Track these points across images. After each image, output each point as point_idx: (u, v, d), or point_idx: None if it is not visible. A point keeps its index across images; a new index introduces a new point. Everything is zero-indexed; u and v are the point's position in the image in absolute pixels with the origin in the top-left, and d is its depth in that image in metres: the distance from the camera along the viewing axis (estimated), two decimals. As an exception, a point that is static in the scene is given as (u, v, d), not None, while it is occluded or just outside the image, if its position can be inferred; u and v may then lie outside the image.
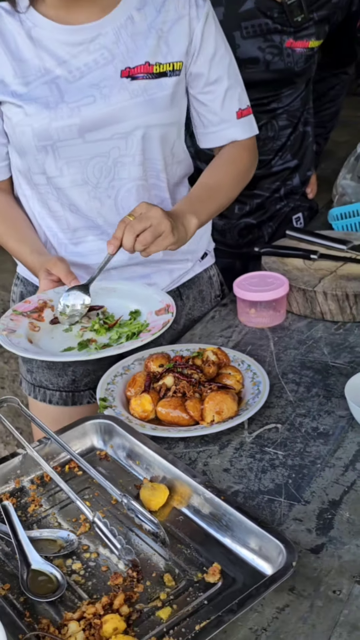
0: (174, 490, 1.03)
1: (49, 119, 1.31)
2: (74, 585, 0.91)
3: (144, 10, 1.35)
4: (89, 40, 1.33)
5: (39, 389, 1.56)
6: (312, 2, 1.80)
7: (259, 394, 1.21)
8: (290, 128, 1.94)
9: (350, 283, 1.50)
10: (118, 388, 1.27)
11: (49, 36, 1.32)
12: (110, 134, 1.34)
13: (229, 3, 1.77)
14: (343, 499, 1.02)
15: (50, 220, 1.44)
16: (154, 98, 1.35)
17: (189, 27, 1.37)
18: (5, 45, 1.32)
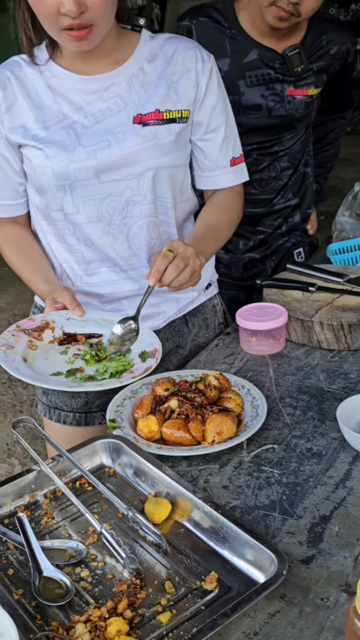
0: (176, 505, 1.05)
1: (67, 161, 1.35)
2: (81, 591, 0.93)
3: (154, 62, 1.40)
4: (104, 89, 1.38)
5: (54, 410, 1.59)
6: (311, 54, 1.84)
7: (257, 416, 1.24)
8: (292, 169, 1.97)
9: (346, 314, 1.53)
10: (127, 410, 1.29)
11: (67, 85, 1.37)
12: (124, 175, 1.38)
13: (234, 55, 1.82)
14: (333, 514, 1.04)
15: (66, 253, 1.48)
16: (163, 142, 1.39)
17: (195, 79, 1.42)
18: (27, 94, 1.37)
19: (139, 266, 1.47)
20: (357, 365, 1.45)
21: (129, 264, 1.47)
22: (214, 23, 1.83)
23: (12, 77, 1.38)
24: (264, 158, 1.91)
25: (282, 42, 1.82)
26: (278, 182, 1.96)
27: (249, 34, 1.82)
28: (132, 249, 1.46)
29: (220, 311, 1.71)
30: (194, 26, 1.83)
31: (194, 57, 1.42)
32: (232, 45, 1.82)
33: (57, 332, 1.37)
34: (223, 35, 1.83)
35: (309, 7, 1.68)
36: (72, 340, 1.37)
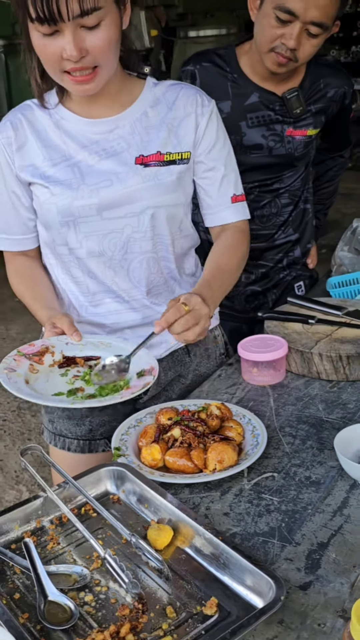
0: (178, 531, 1.06)
1: (71, 198, 1.38)
2: (85, 615, 0.94)
3: (157, 107, 1.44)
4: (109, 131, 1.41)
5: (59, 437, 1.60)
6: (310, 96, 1.88)
7: (258, 445, 1.24)
8: (292, 205, 1.99)
9: (344, 346, 1.54)
10: (131, 438, 1.30)
11: (74, 127, 1.41)
12: (124, 213, 1.41)
13: (235, 97, 1.86)
14: (330, 542, 1.05)
15: (72, 285, 1.50)
16: (163, 182, 1.42)
17: (195, 122, 1.45)
18: (37, 135, 1.41)
19: (140, 298, 1.50)
20: (355, 395, 1.46)
21: (130, 295, 1.49)
22: (217, 68, 1.87)
23: (24, 119, 1.42)
24: (265, 195, 1.94)
25: (281, 85, 1.86)
26: (279, 218, 1.99)
27: (250, 78, 1.86)
28: (132, 282, 1.48)
29: (222, 342, 1.73)
30: (197, 71, 1.88)
31: (195, 102, 1.45)
32: (234, 89, 1.86)
33: (57, 355, 1.38)
34: (225, 79, 1.87)
35: (306, 53, 1.73)
36: (71, 363, 1.38)
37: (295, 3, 1.64)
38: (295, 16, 1.66)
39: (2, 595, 0.98)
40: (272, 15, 1.68)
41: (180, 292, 1.56)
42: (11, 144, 1.41)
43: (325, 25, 1.69)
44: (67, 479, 1.14)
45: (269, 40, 1.72)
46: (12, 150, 1.42)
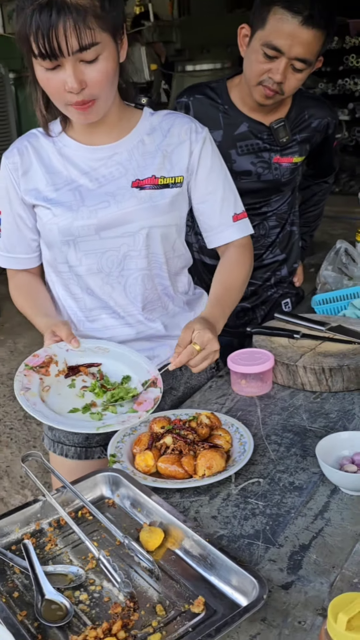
0: (169, 534, 1.06)
1: (71, 219, 1.39)
2: (80, 613, 0.94)
3: (153, 135, 1.45)
4: (107, 157, 1.42)
5: (58, 444, 1.59)
6: (295, 126, 1.89)
7: (245, 452, 1.24)
8: (279, 228, 2.00)
9: (327, 359, 1.54)
10: (126, 446, 1.30)
11: (76, 154, 1.43)
12: (121, 233, 1.42)
13: (226, 127, 1.87)
14: (312, 544, 1.05)
15: (71, 301, 1.51)
16: (157, 204, 1.43)
17: (189, 149, 1.46)
18: (41, 161, 1.43)
19: (135, 313, 1.50)
20: (337, 405, 1.46)
21: (125, 311, 1.50)
22: (209, 100, 1.89)
23: (30, 146, 1.44)
24: (254, 218, 1.95)
25: (269, 116, 1.87)
26: (267, 239, 2.00)
27: (240, 109, 1.88)
28: (128, 298, 1.48)
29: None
30: (191, 102, 1.90)
31: (189, 130, 1.47)
32: (225, 119, 1.88)
33: (60, 365, 1.38)
34: (217, 110, 1.89)
35: (292, 86, 1.75)
36: (75, 372, 1.38)
37: (281, 41, 1.66)
38: (281, 52, 1.68)
39: (2, 593, 0.98)
40: (260, 52, 1.70)
41: (174, 309, 1.57)
42: (17, 169, 1.43)
43: (309, 61, 1.71)
44: (65, 483, 1.14)
45: (257, 74, 1.74)
46: (18, 175, 1.43)
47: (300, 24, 1.64)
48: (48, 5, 1.18)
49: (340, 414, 1.42)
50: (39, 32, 1.20)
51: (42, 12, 1.18)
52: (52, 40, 1.20)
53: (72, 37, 1.20)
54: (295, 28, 1.65)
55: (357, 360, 1.52)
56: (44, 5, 1.18)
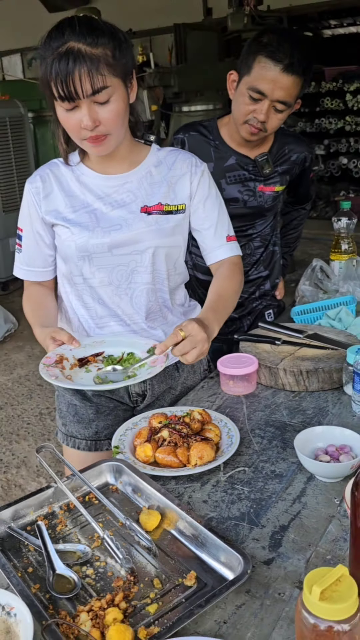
0: (165, 516, 1.06)
1: (87, 237, 1.40)
2: (86, 586, 0.94)
3: (159, 167, 1.46)
4: (120, 185, 1.43)
5: (70, 438, 1.59)
6: (277, 160, 1.90)
7: (232, 444, 1.24)
8: (263, 248, 2.00)
9: (304, 362, 1.54)
10: (128, 439, 1.30)
11: (92, 181, 1.43)
12: (130, 251, 1.42)
13: (217, 160, 1.88)
14: (290, 525, 1.04)
15: (83, 310, 1.50)
16: (162, 228, 1.44)
17: (189, 180, 1.47)
18: (61, 186, 1.44)
19: (139, 321, 1.50)
20: (313, 403, 1.46)
21: (131, 319, 1.50)
22: (202, 136, 1.90)
23: (51, 173, 1.45)
24: (241, 239, 1.95)
25: (254, 150, 1.88)
26: (252, 257, 2.00)
27: (229, 144, 1.89)
28: (134, 308, 1.49)
29: (205, 359, 1.73)
30: (186, 138, 1.91)
31: (190, 164, 1.48)
32: (215, 153, 1.89)
33: (71, 360, 1.36)
34: (209, 145, 1.90)
35: (273, 125, 1.76)
36: (85, 362, 1.37)
37: (265, 85, 1.67)
38: (264, 95, 1.69)
39: (18, 569, 0.98)
40: (246, 95, 1.71)
41: (172, 319, 1.57)
42: (39, 193, 1.44)
43: (289, 103, 1.72)
44: (74, 472, 1.14)
45: (244, 114, 1.75)
46: (39, 198, 1.44)
47: (281, 71, 1.65)
48: (66, 55, 1.21)
49: (316, 410, 1.42)
50: (58, 78, 1.22)
51: (61, 60, 1.21)
52: (69, 85, 1.22)
53: (86, 82, 1.22)
54: (277, 74, 1.66)
55: (331, 364, 1.52)
56: (63, 55, 1.21)
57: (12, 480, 3.03)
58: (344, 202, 2.24)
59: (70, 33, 1.22)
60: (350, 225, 2.21)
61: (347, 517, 1.04)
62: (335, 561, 0.95)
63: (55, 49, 1.22)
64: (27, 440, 3.41)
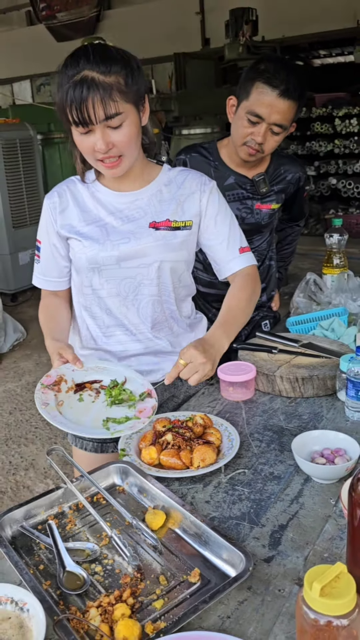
0: (170, 515, 1.05)
1: (97, 250, 1.39)
2: (95, 583, 0.93)
3: (169, 186, 1.46)
4: (131, 202, 1.43)
5: (79, 439, 1.58)
6: (273, 179, 1.91)
7: (232, 447, 1.23)
8: (260, 262, 2.00)
9: (300, 370, 1.54)
10: (134, 442, 1.29)
11: (106, 198, 1.43)
12: (138, 264, 1.42)
13: (217, 179, 1.84)
14: (289, 524, 1.04)
15: (91, 320, 1.50)
16: (169, 243, 1.43)
17: (199, 198, 1.47)
18: (76, 201, 1.44)
19: (145, 331, 1.50)
20: (308, 409, 1.45)
21: (137, 329, 1.49)
22: (202, 157, 1.91)
23: (67, 190, 1.46)
24: (239, 254, 1.96)
25: (251, 171, 1.89)
26: (250, 271, 2.00)
27: (228, 165, 1.89)
28: (140, 318, 1.48)
29: None
30: (187, 159, 1.92)
31: (199, 183, 1.48)
32: (215, 173, 1.90)
33: (69, 383, 1.35)
34: (209, 165, 1.90)
35: (270, 147, 1.77)
36: (82, 388, 1.35)
37: (262, 109, 1.69)
38: (262, 119, 1.70)
39: (30, 566, 0.97)
40: (245, 118, 1.73)
41: (178, 330, 1.56)
42: (56, 207, 1.44)
43: (285, 126, 1.73)
44: (82, 473, 1.13)
45: (242, 136, 1.76)
46: (56, 213, 1.44)
47: (277, 96, 1.67)
48: (80, 83, 1.21)
49: (311, 415, 1.42)
50: (73, 105, 1.23)
51: (76, 88, 1.22)
52: (83, 111, 1.23)
53: (99, 109, 1.22)
54: (274, 99, 1.67)
55: (325, 371, 1.52)
56: (78, 83, 1.22)
57: (20, 481, 3.01)
58: (336, 219, 2.24)
59: (85, 62, 1.22)
60: (342, 241, 2.21)
61: (343, 517, 1.04)
62: (332, 559, 0.94)
63: (70, 77, 1.23)
64: (35, 443, 3.39)
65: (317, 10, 6.85)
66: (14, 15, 9.88)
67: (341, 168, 7.71)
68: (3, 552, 0.96)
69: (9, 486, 2.97)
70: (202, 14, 7.82)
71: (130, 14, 8.46)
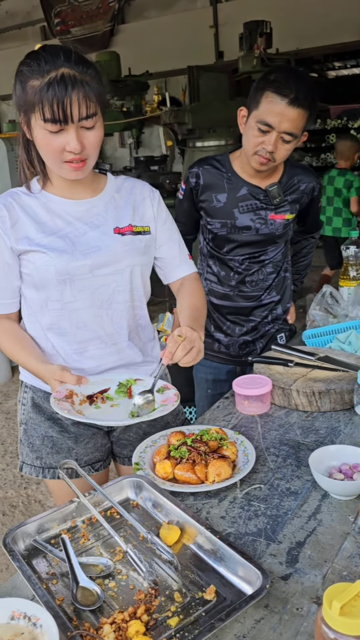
0: (184, 531, 1.04)
1: (68, 260, 1.34)
2: (109, 599, 0.92)
3: (120, 192, 1.45)
4: (87, 210, 1.40)
5: (48, 470, 1.50)
6: (287, 189, 1.92)
7: (248, 462, 1.23)
8: (275, 273, 2.00)
9: (316, 384, 1.53)
10: (148, 456, 1.29)
11: (60, 207, 1.39)
12: (111, 271, 1.39)
13: (230, 191, 1.90)
14: (306, 541, 1.03)
15: (57, 337, 1.42)
16: (136, 247, 1.42)
17: (150, 204, 1.47)
18: (27, 213, 1.38)
19: (120, 341, 1.46)
20: (325, 423, 1.45)
21: (112, 340, 1.45)
22: (215, 169, 1.93)
23: (14, 202, 1.39)
24: (254, 265, 1.96)
25: (265, 181, 1.90)
26: (264, 283, 2.00)
27: (241, 176, 1.91)
28: (114, 327, 1.45)
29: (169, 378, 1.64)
30: (200, 172, 1.93)
31: (147, 191, 1.49)
32: (228, 184, 1.91)
33: (80, 396, 1.33)
34: (222, 177, 1.92)
35: (281, 155, 1.78)
36: (92, 399, 1.33)
37: (272, 118, 1.71)
38: (272, 127, 1.72)
39: (43, 581, 0.96)
40: (255, 128, 1.75)
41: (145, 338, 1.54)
42: (5, 222, 1.37)
43: (295, 134, 1.74)
44: (96, 487, 1.13)
45: (253, 146, 1.78)
46: (6, 227, 1.35)
47: (287, 104, 1.68)
48: (62, 80, 1.20)
49: (329, 430, 1.41)
50: (55, 100, 1.20)
51: (59, 85, 1.20)
52: (66, 108, 1.21)
53: (82, 106, 1.22)
54: (283, 108, 1.69)
55: (342, 385, 1.51)
56: (59, 80, 1.20)
57: (32, 495, 3.01)
58: (353, 231, 2.24)
59: (65, 60, 1.21)
60: (359, 253, 2.20)
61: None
62: (351, 577, 0.93)
63: (47, 72, 1.21)
64: (46, 457, 3.39)
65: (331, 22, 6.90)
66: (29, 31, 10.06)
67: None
68: (16, 567, 0.96)
69: (21, 500, 2.97)
70: (215, 28, 7.91)
71: (144, 28, 8.58)
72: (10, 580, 0.98)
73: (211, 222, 1.94)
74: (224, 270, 1.99)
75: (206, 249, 2.04)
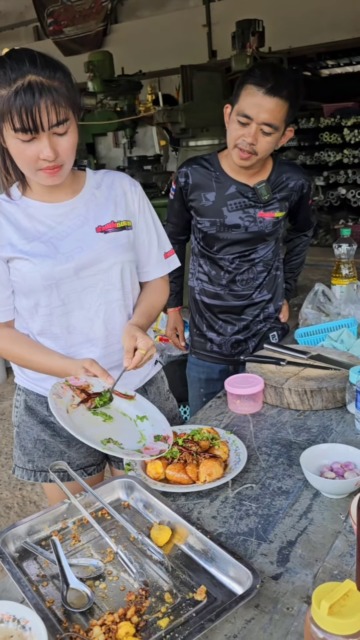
0: (175, 531, 1.04)
1: (51, 265, 1.32)
2: (99, 600, 0.92)
3: (100, 189, 1.43)
4: (68, 212, 1.38)
5: (40, 473, 1.50)
6: (275, 187, 1.91)
7: (240, 461, 1.23)
8: (266, 272, 2.00)
9: (308, 382, 1.53)
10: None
11: (41, 212, 1.37)
12: (96, 271, 1.37)
13: (218, 189, 1.90)
14: (297, 540, 1.02)
15: (50, 342, 1.40)
16: (121, 244, 1.40)
17: (132, 198, 1.46)
18: (8, 221, 1.35)
19: (114, 343, 1.44)
20: (317, 422, 1.44)
21: (105, 342, 1.43)
22: (204, 169, 1.93)
23: None
24: (244, 264, 1.96)
25: (253, 179, 1.90)
26: (255, 281, 1.99)
27: (229, 174, 1.90)
28: (107, 329, 1.43)
29: (166, 380, 1.67)
30: (189, 171, 1.94)
31: (128, 184, 1.47)
32: (217, 183, 1.91)
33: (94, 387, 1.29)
34: (210, 176, 1.92)
35: (263, 148, 1.78)
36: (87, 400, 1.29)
37: (250, 109, 1.72)
38: (250, 119, 1.73)
39: (33, 583, 0.96)
40: (235, 121, 1.77)
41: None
42: None
43: (274, 125, 1.74)
44: (87, 488, 1.13)
45: (234, 139, 1.79)
46: None
47: (264, 94, 1.70)
48: (30, 87, 1.17)
49: (320, 429, 1.41)
50: (23, 110, 1.17)
51: (26, 93, 1.17)
52: (35, 116, 1.18)
53: (52, 114, 1.19)
54: (261, 98, 1.70)
55: (334, 383, 1.51)
56: (27, 87, 1.17)
57: (27, 497, 3.00)
58: (344, 229, 2.24)
59: (31, 66, 1.18)
60: (351, 251, 2.21)
61: (353, 533, 1.02)
62: (342, 576, 0.93)
63: (13, 80, 1.17)
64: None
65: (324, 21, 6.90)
66: (22, 31, 10.04)
67: (350, 178, 7.71)
68: (6, 569, 0.95)
69: (16, 501, 2.96)
70: (208, 27, 7.90)
71: (137, 28, 8.57)
72: (0, 583, 0.97)
73: (201, 221, 1.93)
74: (214, 270, 1.99)
75: (197, 249, 2.03)
